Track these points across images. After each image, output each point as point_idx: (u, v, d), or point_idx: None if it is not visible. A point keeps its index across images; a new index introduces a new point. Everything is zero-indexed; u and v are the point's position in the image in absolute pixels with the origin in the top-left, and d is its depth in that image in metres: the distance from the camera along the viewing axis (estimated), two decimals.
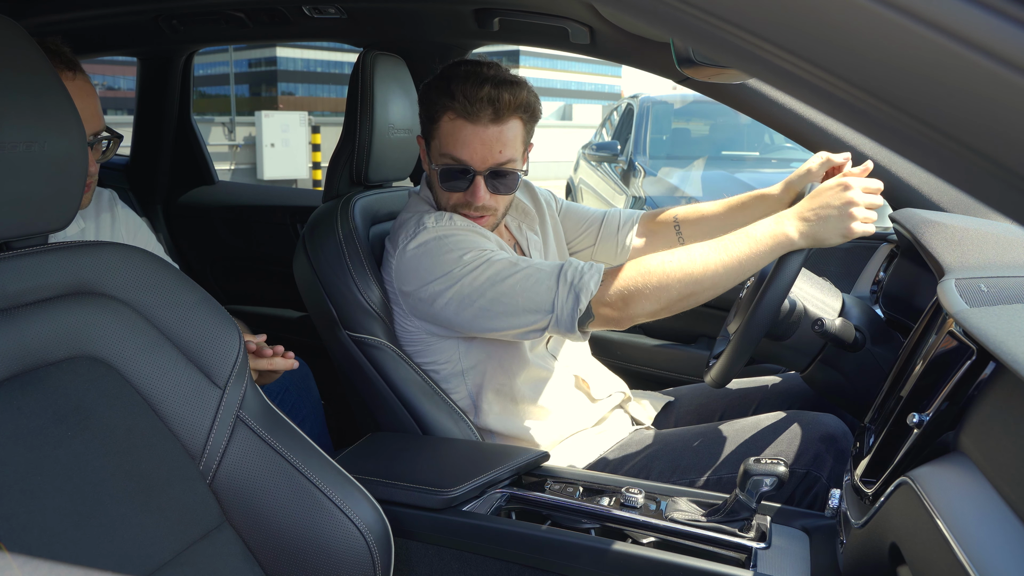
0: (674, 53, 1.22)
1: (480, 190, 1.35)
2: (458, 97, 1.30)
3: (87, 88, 1.36)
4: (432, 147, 1.39)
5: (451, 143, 1.34)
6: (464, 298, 1.29)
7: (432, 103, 1.35)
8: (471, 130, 1.32)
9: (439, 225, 1.35)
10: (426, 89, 1.38)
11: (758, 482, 1.06)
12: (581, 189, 6.74)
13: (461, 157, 1.34)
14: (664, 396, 1.67)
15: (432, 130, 1.37)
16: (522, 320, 1.27)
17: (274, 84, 49.46)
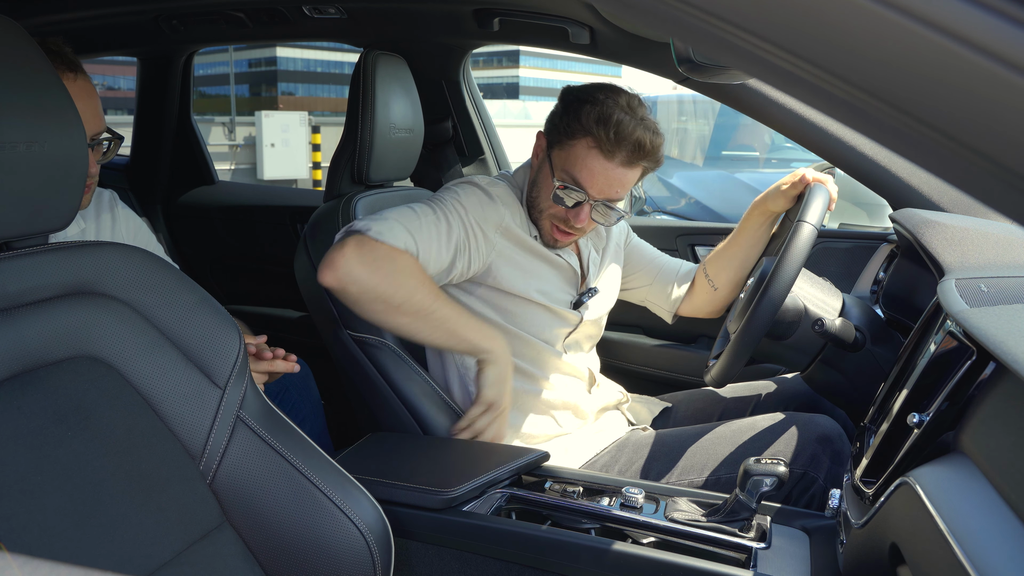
0: (674, 53, 1.23)
1: (584, 215, 1.39)
2: (608, 131, 1.32)
3: (88, 89, 1.36)
4: (556, 156, 1.40)
5: (579, 168, 1.36)
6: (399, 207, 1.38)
7: (576, 120, 1.36)
8: (602, 165, 1.35)
9: (479, 180, 1.44)
10: (577, 102, 1.38)
11: (758, 482, 1.06)
12: None
13: (583, 184, 1.36)
14: (661, 402, 1.67)
15: (565, 144, 1.38)
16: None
17: (274, 84, 49.46)
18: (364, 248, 1.26)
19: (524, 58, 58.54)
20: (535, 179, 1.45)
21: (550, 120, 1.43)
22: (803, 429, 1.32)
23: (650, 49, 1.71)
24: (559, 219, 1.42)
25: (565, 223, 1.41)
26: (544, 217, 1.43)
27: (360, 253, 1.25)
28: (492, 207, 1.40)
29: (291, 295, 2.38)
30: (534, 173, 1.46)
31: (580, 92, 1.40)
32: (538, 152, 1.45)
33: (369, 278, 1.25)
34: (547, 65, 63.57)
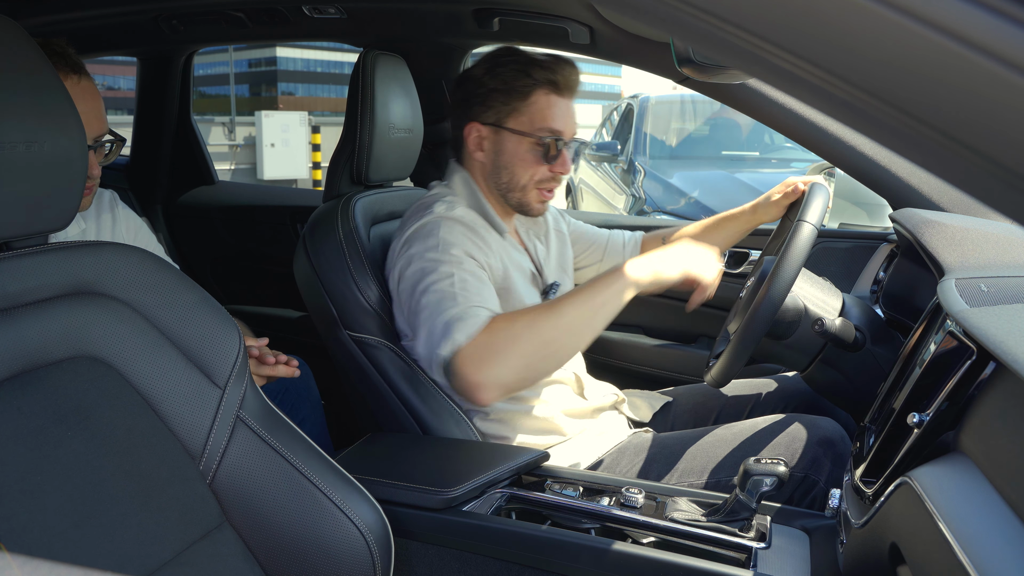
0: (674, 53, 1.23)
1: (568, 158, 1.43)
2: (556, 74, 1.40)
3: (92, 91, 1.36)
4: (514, 123, 1.41)
5: (549, 117, 1.40)
6: (409, 289, 1.33)
7: (523, 78, 1.40)
8: (564, 104, 1.42)
9: (445, 212, 1.39)
10: (499, 69, 1.41)
11: (758, 482, 1.06)
12: (581, 189, 6.74)
13: (558, 129, 1.40)
14: (662, 396, 1.67)
15: (519, 107, 1.41)
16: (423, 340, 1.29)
17: (274, 84, 49.44)
18: (476, 358, 1.18)
19: None
20: (500, 163, 1.43)
21: (480, 103, 1.43)
22: (805, 431, 1.32)
23: (650, 49, 1.71)
24: (544, 180, 1.44)
25: (550, 180, 1.44)
26: (529, 188, 1.44)
27: (480, 366, 1.18)
28: (473, 233, 1.39)
29: (291, 295, 2.38)
30: (491, 159, 1.44)
31: (492, 63, 1.43)
32: (481, 141, 1.44)
33: (507, 369, 1.19)
34: None
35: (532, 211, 1.47)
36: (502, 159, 1.43)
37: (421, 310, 1.29)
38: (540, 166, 1.42)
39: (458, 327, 1.21)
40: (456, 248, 1.33)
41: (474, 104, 1.44)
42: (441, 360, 1.22)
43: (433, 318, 1.26)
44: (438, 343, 1.23)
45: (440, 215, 1.38)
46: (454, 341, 1.20)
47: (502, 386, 1.20)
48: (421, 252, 1.34)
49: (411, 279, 1.33)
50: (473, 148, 1.45)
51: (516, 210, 1.49)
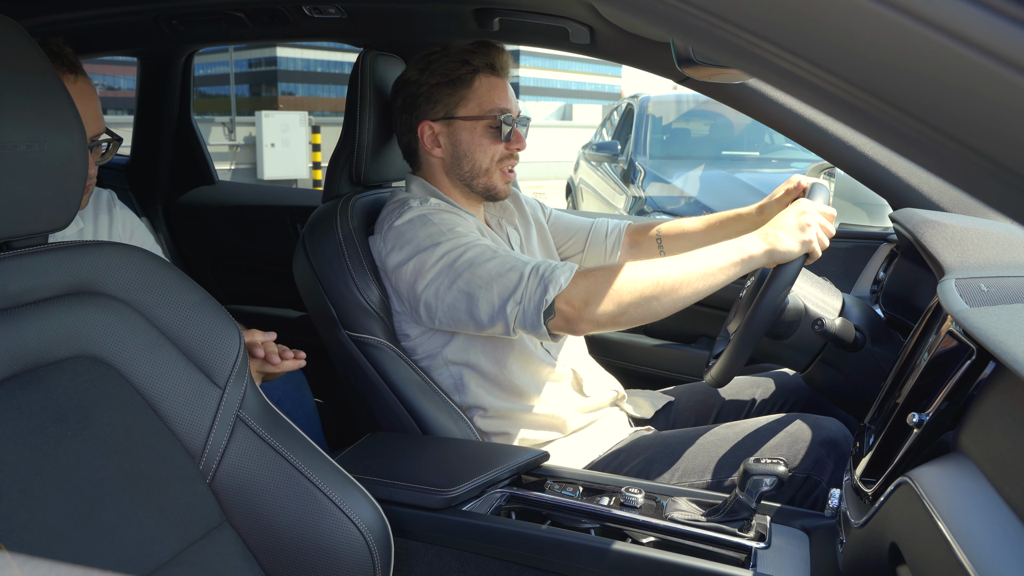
0: (674, 53, 1.23)
1: (522, 134, 1.48)
2: (490, 58, 1.46)
3: (88, 90, 1.36)
4: (463, 110, 1.45)
5: (494, 98, 1.46)
6: (446, 276, 1.32)
7: (462, 68, 1.44)
8: (503, 84, 1.48)
9: (424, 206, 1.41)
10: (435, 66, 1.45)
11: (758, 482, 1.06)
12: (581, 189, 6.74)
13: (507, 107, 1.46)
14: (663, 396, 1.67)
15: (465, 95, 1.45)
16: (493, 307, 1.29)
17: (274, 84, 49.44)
18: (579, 297, 1.24)
19: (524, 58, 58.57)
20: (459, 152, 1.46)
21: (425, 101, 1.46)
22: (807, 432, 1.31)
23: (650, 49, 1.71)
24: (503, 159, 1.47)
25: (509, 157, 1.48)
26: (493, 170, 1.47)
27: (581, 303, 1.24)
28: (459, 217, 1.42)
29: (291, 295, 2.38)
30: (449, 152, 1.47)
31: (425, 62, 1.47)
32: (436, 137, 1.47)
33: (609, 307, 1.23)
34: (547, 65, 63.58)
35: (499, 193, 1.50)
36: (460, 148, 1.46)
37: (477, 282, 1.29)
38: (497, 145, 1.46)
39: (555, 273, 1.26)
40: (459, 227, 1.37)
41: (420, 104, 1.47)
42: (542, 307, 1.25)
43: (505, 278, 1.28)
44: (536, 294, 1.25)
45: (420, 209, 1.40)
46: (557, 285, 1.25)
47: (599, 323, 1.25)
48: (430, 243, 1.35)
49: (440, 265, 1.33)
50: (430, 146, 1.48)
51: (484, 196, 1.50)
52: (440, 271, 1.33)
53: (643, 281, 1.23)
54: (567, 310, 1.25)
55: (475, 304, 1.30)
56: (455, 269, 1.31)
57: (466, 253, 1.32)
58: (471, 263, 1.31)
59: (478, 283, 1.29)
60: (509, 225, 1.60)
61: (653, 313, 1.25)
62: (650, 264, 1.25)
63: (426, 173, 1.52)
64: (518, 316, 1.27)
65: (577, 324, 1.26)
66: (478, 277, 1.30)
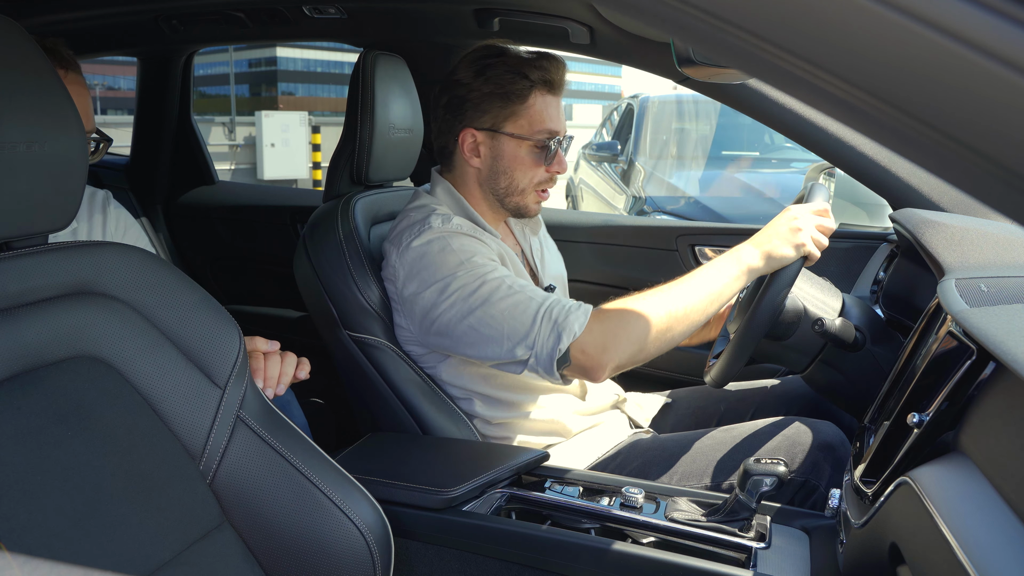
0: (674, 53, 1.23)
1: (564, 155, 1.43)
2: (547, 72, 1.38)
3: (76, 88, 1.36)
4: (512, 127, 1.39)
5: (546, 117, 1.39)
6: (458, 308, 1.28)
7: (520, 81, 1.37)
8: (556, 102, 1.41)
9: (445, 226, 1.36)
10: (489, 71, 1.38)
11: (758, 482, 1.06)
12: (581, 189, 6.74)
13: (557, 129, 1.40)
14: (663, 398, 1.67)
15: (517, 110, 1.38)
16: (504, 348, 1.26)
17: (274, 84, 49.41)
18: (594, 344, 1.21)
19: None
20: (499, 167, 1.41)
21: (473, 108, 1.39)
22: (805, 436, 1.31)
23: (650, 49, 1.71)
24: (542, 181, 1.43)
25: (548, 180, 1.44)
26: (528, 191, 1.43)
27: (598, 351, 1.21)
28: (479, 242, 1.36)
29: (291, 295, 2.38)
30: (488, 164, 1.42)
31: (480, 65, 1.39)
32: (476, 146, 1.41)
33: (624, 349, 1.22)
34: None
35: (529, 212, 1.47)
36: (500, 164, 1.41)
37: (489, 321, 1.26)
38: (539, 168, 1.41)
39: (569, 319, 1.23)
40: (478, 256, 1.31)
41: (467, 109, 1.40)
42: (555, 356, 1.22)
43: (518, 321, 1.24)
44: (548, 342, 1.22)
45: (441, 230, 1.35)
46: (571, 333, 1.22)
47: (618, 367, 1.24)
48: (446, 273, 1.30)
49: (453, 298, 1.29)
50: (468, 155, 1.42)
51: (512, 213, 1.47)
52: (453, 302, 1.29)
53: (658, 316, 1.23)
54: (583, 359, 1.22)
55: (485, 343, 1.27)
56: (469, 304, 1.27)
57: (481, 288, 1.27)
58: (485, 300, 1.26)
59: (489, 322, 1.26)
60: (532, 234, 1.57)
61: (669, 344, 1.26)
62: (662, 296, 1.25)
63: (457, 179, 1.46)
64: (530, 361, 1.25)
65: (594, 372, 1.24)
66: (489, 316, 1.26)
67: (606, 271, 2.15)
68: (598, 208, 5.85)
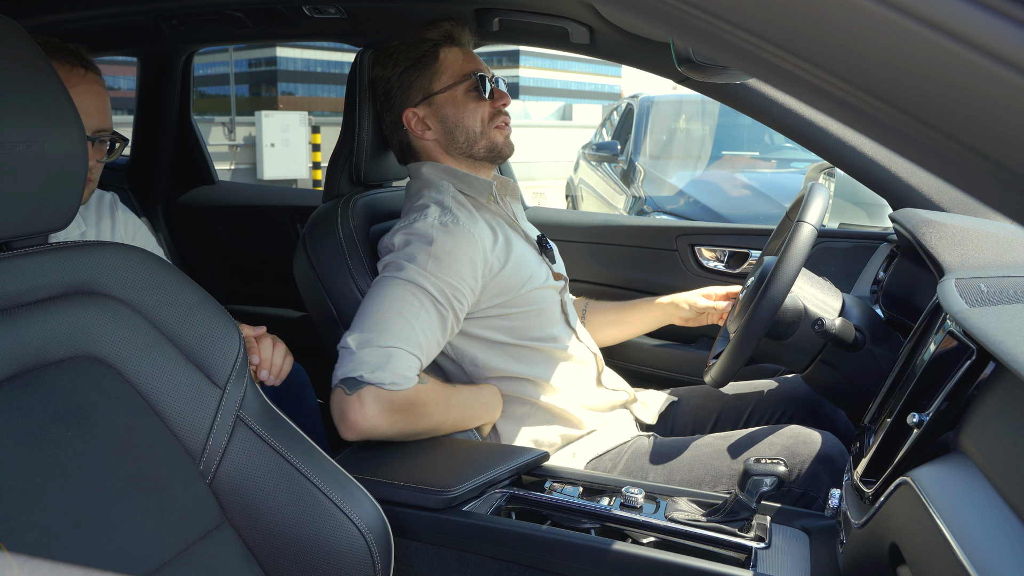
0: (674, 53, 1.23)
1: (503, 91, 1.50)
2: (446, 31, 1.49)
3: (95, 87, 1.37)
4: (439, 84, 1.46)
5: (463, 63, 1.48)
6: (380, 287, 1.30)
7: (419, 51, 1.47)
8: (468, 51, 1.51)
9: (444, 215, 1.37)
10: (397, 55, 1.48)
11: (758, 482, 1.06)
12: (581, 189, 6.74)
13: (477, 68, 1.48)
14: (667, 396, 1.67)
15: (436, 71, 1.47)
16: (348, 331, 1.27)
17: (274, 84, 49.44)
18: (382, 403, 1.20)
19: (524, 58, 58.59)
20: (449, 125, 1.46)
21: (400, 90, 1.48)
22: (804, 447, 1.31)
23: (650, 49, 1.71)
24: (496, 117, 1.48)
25: (498, 115, 1.49)
26: (488, 130, 1.48)
27: (379, 409, 1.20)
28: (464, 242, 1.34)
29: (291, 295, 2.38)
30: (439, 129, 1.47)
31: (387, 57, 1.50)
32: (422, 119, 1.48)
33: (393, 428, 1.23)
34: (547, 65, 63.58)
35: (502, 150, 1.50)
36: (449, 121, 1.47)
37: (370, 306, 1.27)
38: (482, 104, 1.47)
39: (396, 369, 1.21)
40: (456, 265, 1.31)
41: (395, 96, 1.49)
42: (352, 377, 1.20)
43: (376, 327, 1.24)
44: (358, 359, 1.21)
45: (436, 221, 1.35)
46: (377, 377, 1.20)
47: (374, 436, 1.23)
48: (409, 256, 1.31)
49: (382, 278, 1.31)
50: (420, 131, 1.49)
51: (489, 159, 1.50)
52: (383, 278, 1.30)
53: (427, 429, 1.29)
54: (355, 402, 1.19)
55: (360, 318, 1.27)
56: (378, 287, 1.29)
57: (400, 287, 1.28)
58: (387, 295, 1.27)
59: (367, 309, 1.27)
60: (514, 201, 1.59)
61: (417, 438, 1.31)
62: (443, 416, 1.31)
63: (428, 159, 1.51)
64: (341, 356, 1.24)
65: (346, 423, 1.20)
66: (372, 305, 1.27)
67: (606, 271, 2.15)
68: (598, 208, 5.85)
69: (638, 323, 1.76)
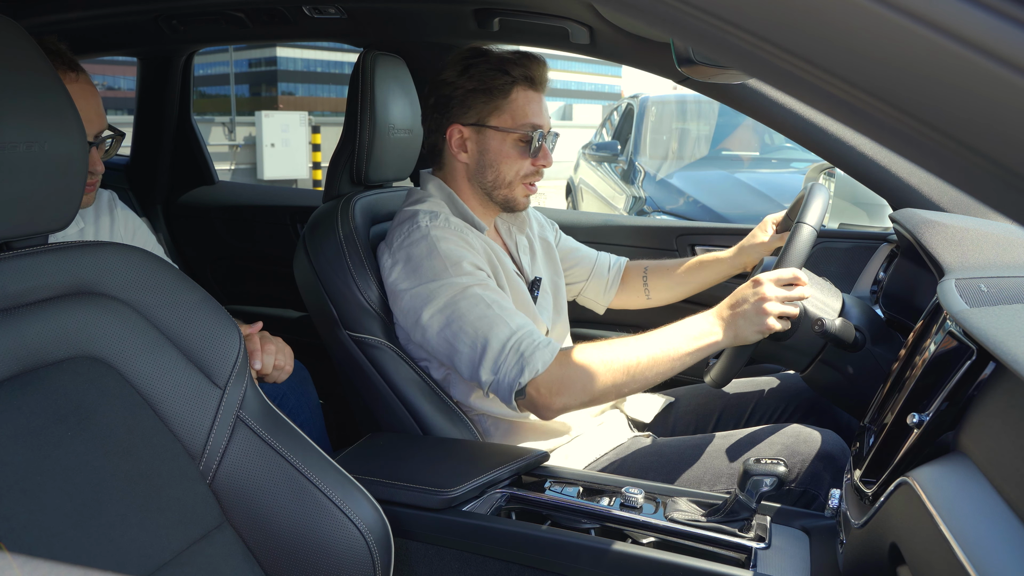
0: (674, 53, 1.22)
1: (549, 149, 1.49)
2: (530, 70, 1.45)
3: (89, 88, 1.37)
4: (495, 120, 1.44)
5: (529, 112, 1.45)
6: (438, 319, 1.32)
7: (500, 77, 1.43)
8: (539, 98, 1.48)
9: (433, 224, 1.39)
10: (472, 69, 1.44)
11: (758, 482, 1.06)
12: (581, 189, 6.74)
13: (539, 123, 1.45)
14: (664, 397, 1.67)
15: (500, 105, 1.44)
16: (469, 369, 1.31)
17: (274, 84, 49.42)
18: (552, 384, 1.25)
19: None
20: (485, 161, 1.46)
21: (459, 104, 1.45)
22: (805, 445, 1.31)
23: (650, 49, 1.71)
24: (528, 174, 1.47)
25: (534, 174, 1.48)
26: (515, 184, 1.47)
27: (553, 390, 1.25)
28: (462, 240, 1.39)
29: (291, 295, 2.38)
30: (475, 159, 1.47)
31: (464, 65, 1.45)
32: (464, 142, 1.47)
33: (582, 394, 1.26)
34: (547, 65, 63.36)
35: (518, 206, 1.50)
36: (487, 157, 1.46)
37: (463, 338, 1.30)
38: (524, 160, 1.45)
39: (535, 356, 1.26)
40: (464, 261, 1.34)
41: (453, 106, 1.46)
42: (514, 387, 1.26)
43: (488, 346, 1.28)
44: (511, 373, 1.26)
45: (428, 230, 1.38)
46: (533, 370, 1.26)
47: (565, 410, 1.28)
48: (430, 278, 1.33)
49: (435, 307, 1.32)
50: (456, 150, 1.47)
51: (502, 207, 1.50)
52: (433, 313, 1.33)
53: (616, 371, 1.26)
54: (537, 396, 1.27)
55: (456, 357, 1.32)
56: (446, 316, 1.32)
57: (460, 302, 1.31)
58: (462, 316, 1.30)
59: (463, 338, 1.30)
60: (519, 233, 1.59)
61: (618, 397, 1.31)
62: (623, 351, 1.27)
63: (447, 175, 1.51)
64: (492, 384, 1.29)
65: (543, 411, 1.28)
66: (464, 333, 1.30)
67: None
68: (598, 208, 5.85)
69: (708, 280, 1.70)
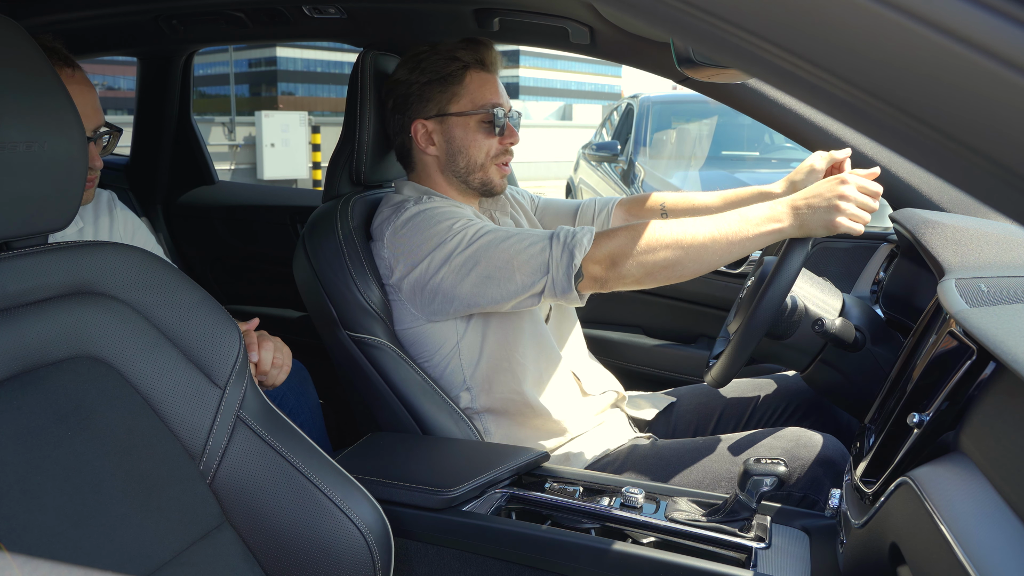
0: (674, 53, 1.23)
1: (514, 128, 1.49)
2: (479, 54, 1.47)
3: (85, 84, 1.37)
4: (456, 107, 1.46)
5: (486, 93, 1.46)
6: (461, 267, 1.33)
7: (452, 65, 1.45)
8: (495, 80, 1.49)
9: (420, 203, 1.42)
10: (425, 63, 1.46)
11: (758, 482, 1.06)
12: (581, 189, 6.74)
13: (499, 102, 1.47)
14: (665, 397, 1.67)
15: (457, 91, 1.45)
16: (519, 283, 1.30)
17: (274, 84, 49.43)
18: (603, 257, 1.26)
19: (524, 58, 58.58)
20: (454, 148, 1.47)
21: (417, 99, 1.47)
22: (805, 450, 1.30)
23: (650, 49, 1.71)
24: (499, 154, 1.49)
25: (504, 153, 1.49)
26: (488, 165, 1.48)
27: (608, 263, 1.26)
28: (459, 208, 1.42)
29: (291, 295, 2.38)
30: (443, 149, 1.48)
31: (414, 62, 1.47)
32: (429, 135, 1.48)
33: (637, 270, 1.25)
34: (547, 65, 63.58)
35: (495, 187, 1.51)
36: (455, 144, 1.47)
37: (497, 263, 1.30)
38: (491, 140, 1.47)
39: (578, 236, 1.27)
40: (463, 217, 1.37)
41: (412, 103, 1.47)
42: (571, 272, 1.26)
43: (527, 253, 1.29)
44: (563, 262, 1.27)
45: (420, 206, 1.40)
46: (583, 248, 1.27)
47: (628, 280, 1.27)
48: (438, 240, 1.35)
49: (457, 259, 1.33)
50: (424, 144, 1.49)
51: (480, 192, 1.52)
52: (452, 263, 1.33)
53: (670, 245, 1.24)
54: (596, 270, 1.27)
55: (498, 285, 1.31)
56: (472, 257, 1.32)
57: (479, 239, 1.33)
58: (487, 247, 1.32)
59: (499, 264, 1.31)
60: (503, 216, 1.61)
61: (679, 275, 1.26)
62: (680, 227, 1.25)
63: (420, 174, 1.52)
64: (547, 285, 1.29)
65: (607, 283, 1.28)
66: (498, 259, 1.31)
67: None
68: None
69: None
